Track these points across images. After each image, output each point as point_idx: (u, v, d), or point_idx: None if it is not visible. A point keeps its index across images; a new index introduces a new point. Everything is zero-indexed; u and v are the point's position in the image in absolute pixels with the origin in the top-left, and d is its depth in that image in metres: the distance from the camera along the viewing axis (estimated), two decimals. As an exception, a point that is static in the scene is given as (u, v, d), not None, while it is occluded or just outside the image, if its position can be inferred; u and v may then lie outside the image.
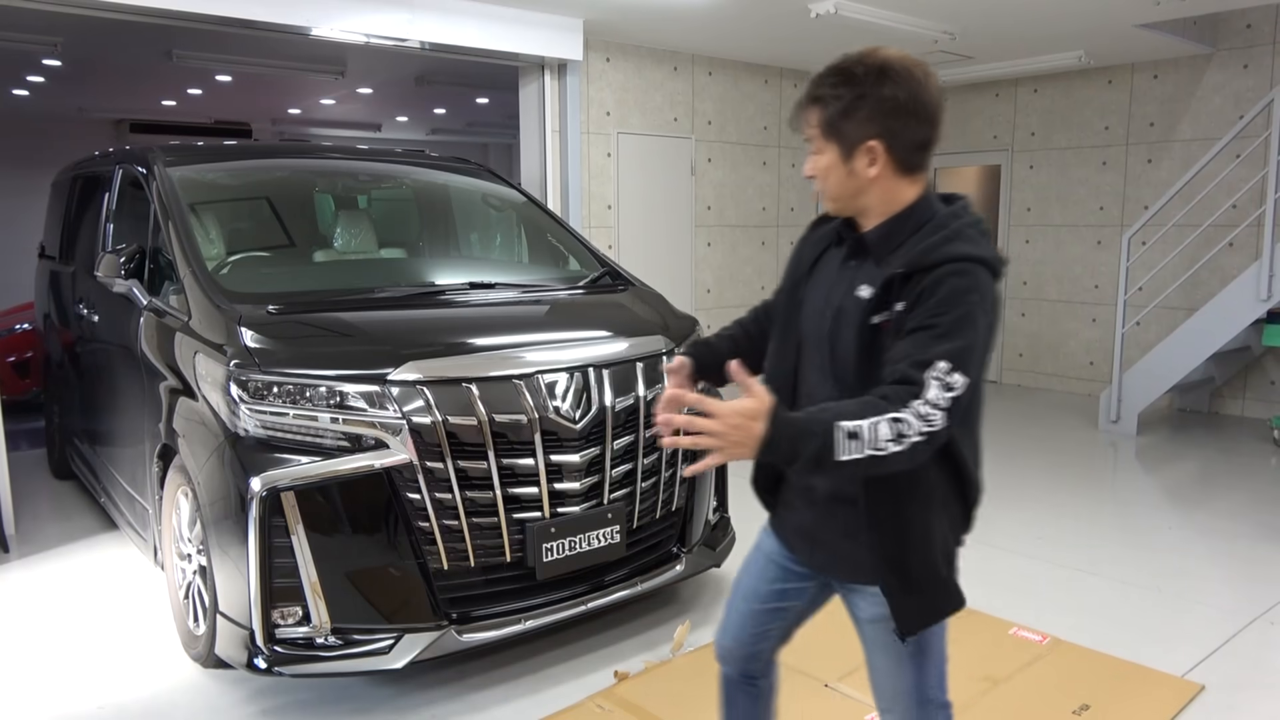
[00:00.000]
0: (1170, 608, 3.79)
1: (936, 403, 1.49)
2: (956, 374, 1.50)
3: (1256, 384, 7.38)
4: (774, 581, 1.93)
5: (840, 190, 1.70)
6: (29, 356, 7.21)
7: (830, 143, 1.67)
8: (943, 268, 1.56)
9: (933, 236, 1.61)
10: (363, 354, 2.99)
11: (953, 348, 1.51)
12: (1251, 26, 7.08)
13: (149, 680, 3.20)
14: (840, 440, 1.45)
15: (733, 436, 1.45)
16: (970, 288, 1.56)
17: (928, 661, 1.78)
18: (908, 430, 1.47)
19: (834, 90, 1.65)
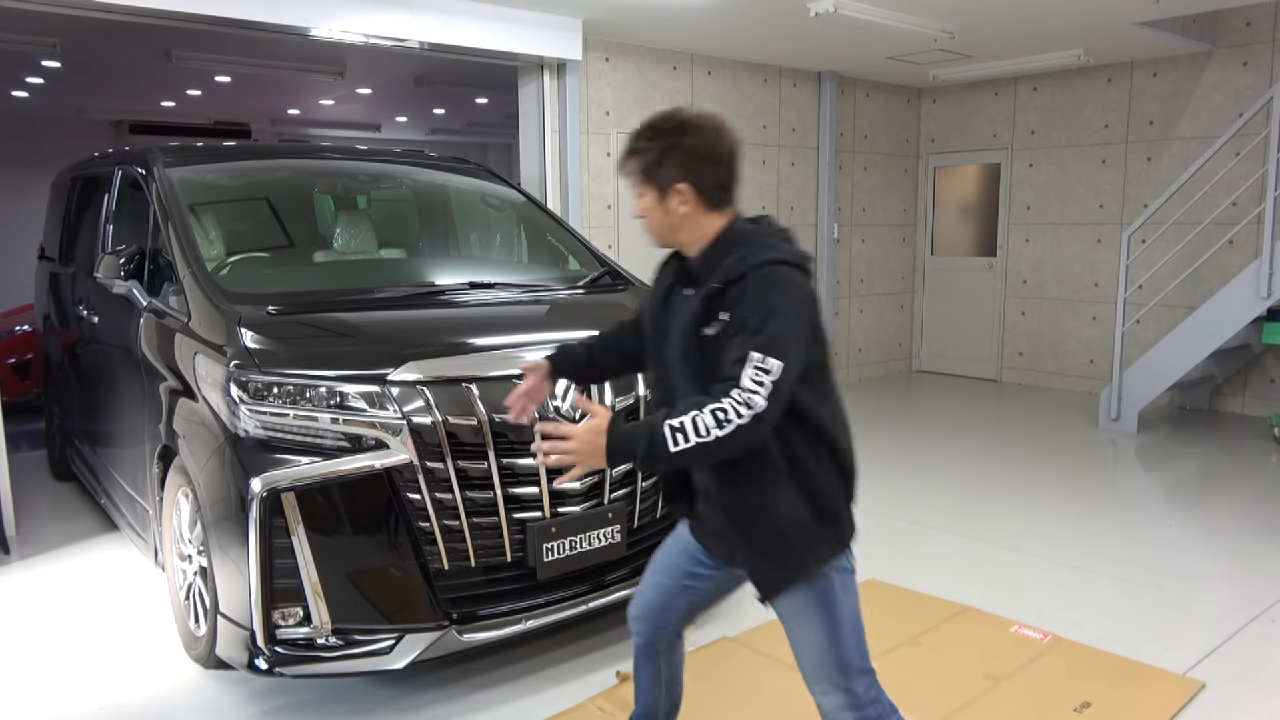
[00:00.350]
0: (1171, 605, 3.79)
1: (753, 389, 1.76)
2: (771, 360, 1.77)
3: (1257, 382, 7.38)
4: (689, 564, 2.19)
5: (661, 226, 1.99)
6: (29, 358, 7.21)
7: (649, 187, 1.97)
8: (748, 275, 1.86)
9: (739, 252, 1.91)
10: (363, 354, 2.99)
11: (762, 340, 1.79)
12: (1251, 24, 7.08)
13: (150, 681, 3.20)
14: (667, 436, 1.75)
15: (585, 450, 1.79)
16: (771, 286, 1.84)
17: (841, 630, 1.96)
18: (729, 417, 1.75)
19: (647, 143, 1.96)
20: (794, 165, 8.45)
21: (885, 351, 9.56)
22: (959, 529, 4.75)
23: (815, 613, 1.94)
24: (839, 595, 1.96)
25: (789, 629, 2.01)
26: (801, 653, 2.00)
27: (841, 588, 1.97)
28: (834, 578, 1.96)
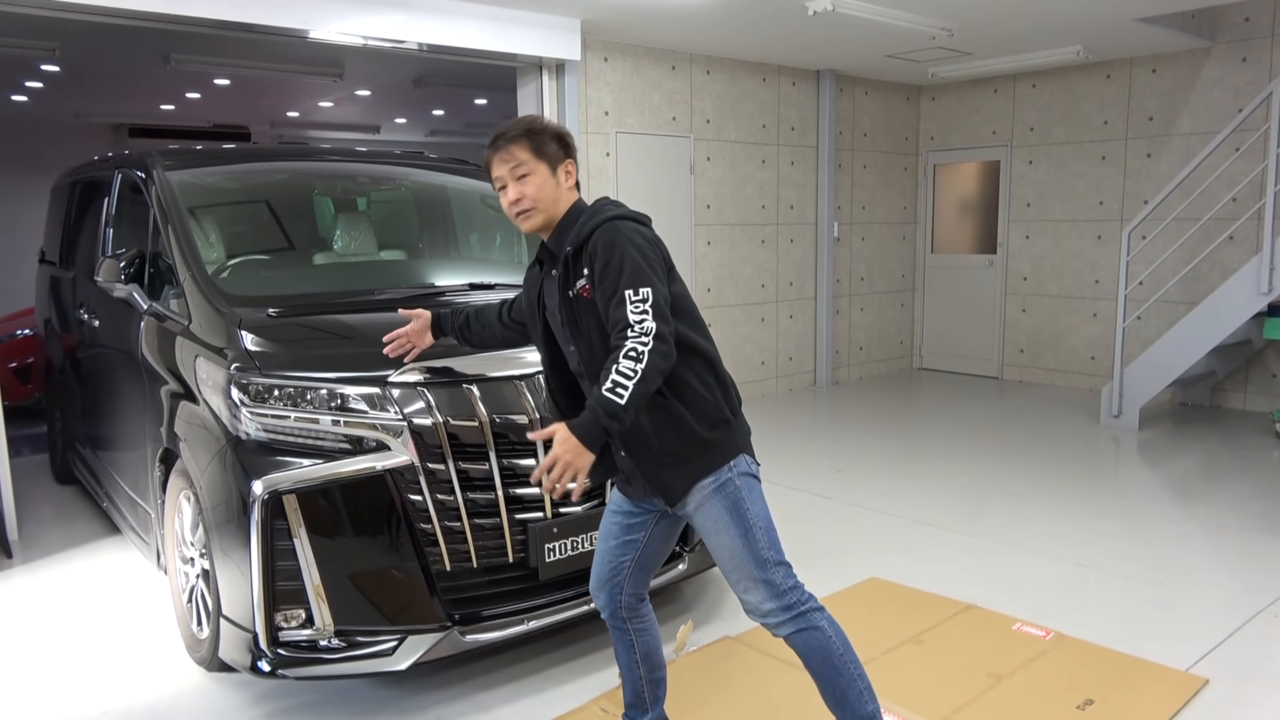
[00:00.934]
0: (1173, 602, 3.79)
1: (639, 318, 2.04)
2: (640, 288, 2.06)
3: (1258, 377, 7.38)
4: (621, 520, 2.41)
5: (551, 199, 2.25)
6: (30, 362, 7.22)
7: (540, 163, 2.24)
8: (591, 237, 2.16)
9: (579, 222, 2.22)
10: (363, 356, 2.99)
11: (625, 278, 2.08)
12: (1250, 19, 7.08)
13: (153, 684, 3.20)
14: (609, 399, 1.99)
15: (570, 457, 2.00)
16: (612, 238, 2.13)
17: (752, 530, 2.18)
18: (637, 350, 2.01)
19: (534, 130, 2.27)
20: (793, 164, 8.45)
21: (886, 349, 9.56)
22: (961, 527, 4.75)
23: (725, 518, 2.17)
24: (745, 498, 2.19)
25: (707, 540, 2.22)
26: (721, 558, 2.21)
27: (747, 491, 2.20)
28: (739, 483, 2.19)
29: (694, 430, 2.16)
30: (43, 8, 4.59)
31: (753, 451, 2.30)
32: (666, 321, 2.07)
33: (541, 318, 2.37)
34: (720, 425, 2.20)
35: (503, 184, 2.27)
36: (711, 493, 2.18)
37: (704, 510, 2.19)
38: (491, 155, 2.28)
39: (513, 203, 2.25)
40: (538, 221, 2.26)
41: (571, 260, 2.19)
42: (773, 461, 5.61)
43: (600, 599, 2.48)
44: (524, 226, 2.26)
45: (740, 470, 2.21)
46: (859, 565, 4.17)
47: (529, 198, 2.23)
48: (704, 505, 2.19)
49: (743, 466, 2.22)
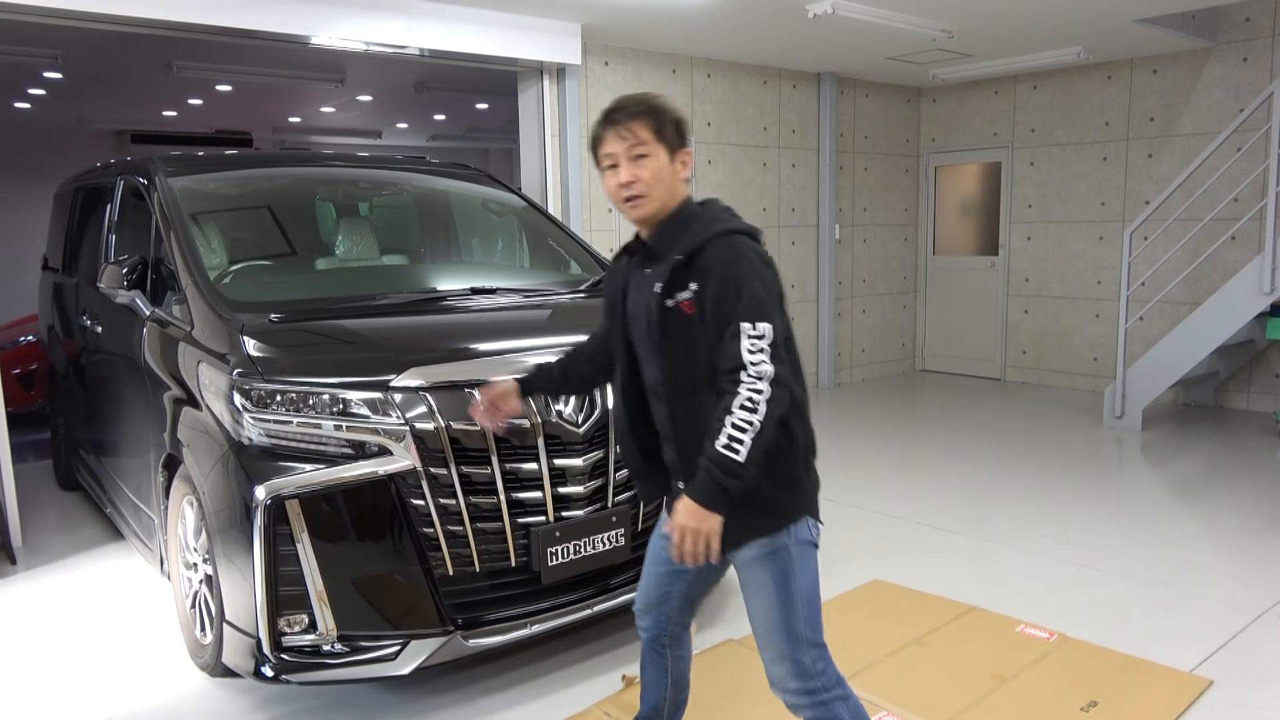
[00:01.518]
0: (1177, 603, 3.78)
1: (756, 360, 1.87)
2: (759, 324, 1.88)
3: (1261, 377, 7.36)
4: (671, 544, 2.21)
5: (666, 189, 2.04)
6: (34, 369, 7.23)
7: (661, 146, 2.02)
8: (709, 245, 1.96)
9: (696, 224, 2.02)
10: (365, 361, 3.00)
11: (743, 307, 1.90)
12: (1251, 20, 7.07)
13: (156, 690, 3.21)
14: (726, 456, 1.84)
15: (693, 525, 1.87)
16: (734, 255, 1.94)
17: (793, 603, 2.02)
18: (753, 400, 1.85)
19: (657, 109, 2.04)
20: (794, 166, 8.45)
21: (888, 351, 9.55)
22: (964, 529, 4.74)
23: (769, 585, 2.02)
24: (796, 569, 2.02)
25: (745, 594, 2.09)
26: (755, 621, 2.07)
27: (800, 561, 2.03)
28: (793, 552, 2.02)
29: (760, 486, 1.94)
30: (45, 15, 4.60)
31: (817, 510, 2.10)
32: (783, 362, 1.89)
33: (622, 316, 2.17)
34: (788, 485, 2.02)
35: (613, 163, 2.04)
36: (762, 556, 2.01)
37: (749, 569, 2.04)
38: (605, 130, 2.05)
39: (623, 185, 2.02)
40: (649, 210, 2.04)
41: (680, 269, 1.97)
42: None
43: (645, 622, 2.35)
44: (631, 215, 2.06)
45: (798, 538, 2.02)
46: (862, 567, 4.17)
47: (643, 182, 2.01)
48: (751, 565, 2.04)
49: (802, 533, 2.03)
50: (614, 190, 2.05)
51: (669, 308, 1.99)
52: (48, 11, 4.54)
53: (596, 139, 2.07)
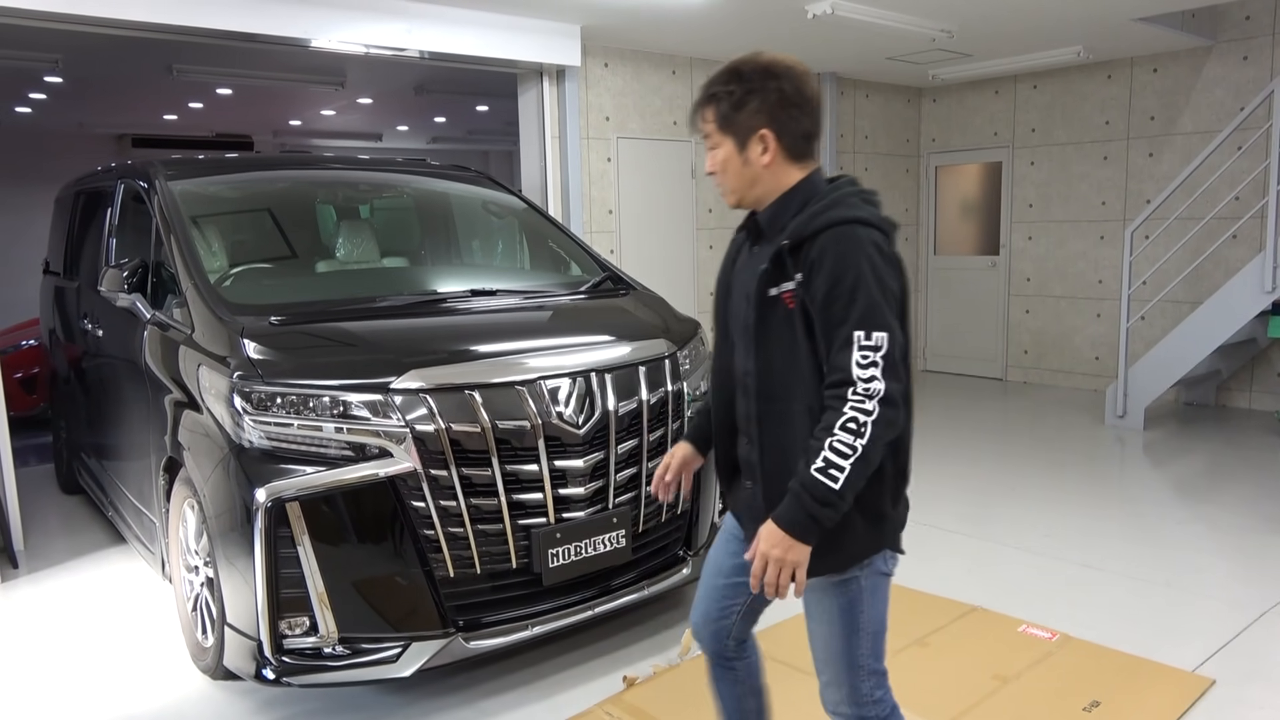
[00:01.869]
0: (1179, 602, 3.78)
1: (867, 376, 1.66)
2: (874, 333, 1.66)
3: (1263, 376, 7.35)
4: (734, 555, 2.06)
5: (738, 181, 1.85)
6: (35, 372, 7.24)
7: (726, 135, 1.83)
8: (823, 234, 1.72)
9: (812, 207, 1.78)
10: (365, 363, 3.00)
11: (858, 312, 1.67)
12: (1251, 18, 7.07)
13: (158, 693, 3.21)
14: (821, 483, 1.66)
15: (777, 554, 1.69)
16: (850, 249, 1.70)
17: (859, 634, 1.88)
18: (859, 421, 1.65)
19: (726, 86, 1.81)
20: (795, 167, 8.44)
21: (890, 352, 9.53)
22: (966, 529, 4.73)
23: (836, 614, 1.87)
24: (864, 601, 1.87)
25: (808, 616, 1.94)
26: (815, 644, 1.94)
27: (870, 592, 1.87)
28: (864, 584, 1.86)
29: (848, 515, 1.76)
30: (46, 20, 4.61)
31: (899, 541, 1.90)
32: (898, 379, 1.67)
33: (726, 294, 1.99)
34: (874, 519, 1.82)
35: None
36: (831, 586, 1.86)
37: (816, 595, 1.89)
38: None
39: (708, 173, 1.90)
40: (733, 200, 1.89)
41: (785, 256, 1.76)
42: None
43: (704, 636, 2.16)
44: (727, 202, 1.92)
45: (873, 569, 1.86)
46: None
47: (718, 174, 1.87)
48: (817, 590, 1.88)
49: (878, 565, 1.87)
50: None
51: (770, 297, 1.78)
52: (48, 15, 4.55)
53: None
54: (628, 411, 3.25)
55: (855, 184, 1.86)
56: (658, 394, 3.36)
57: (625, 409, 3.24)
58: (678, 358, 3.52)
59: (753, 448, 1.89)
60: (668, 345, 3.51)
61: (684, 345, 3.62)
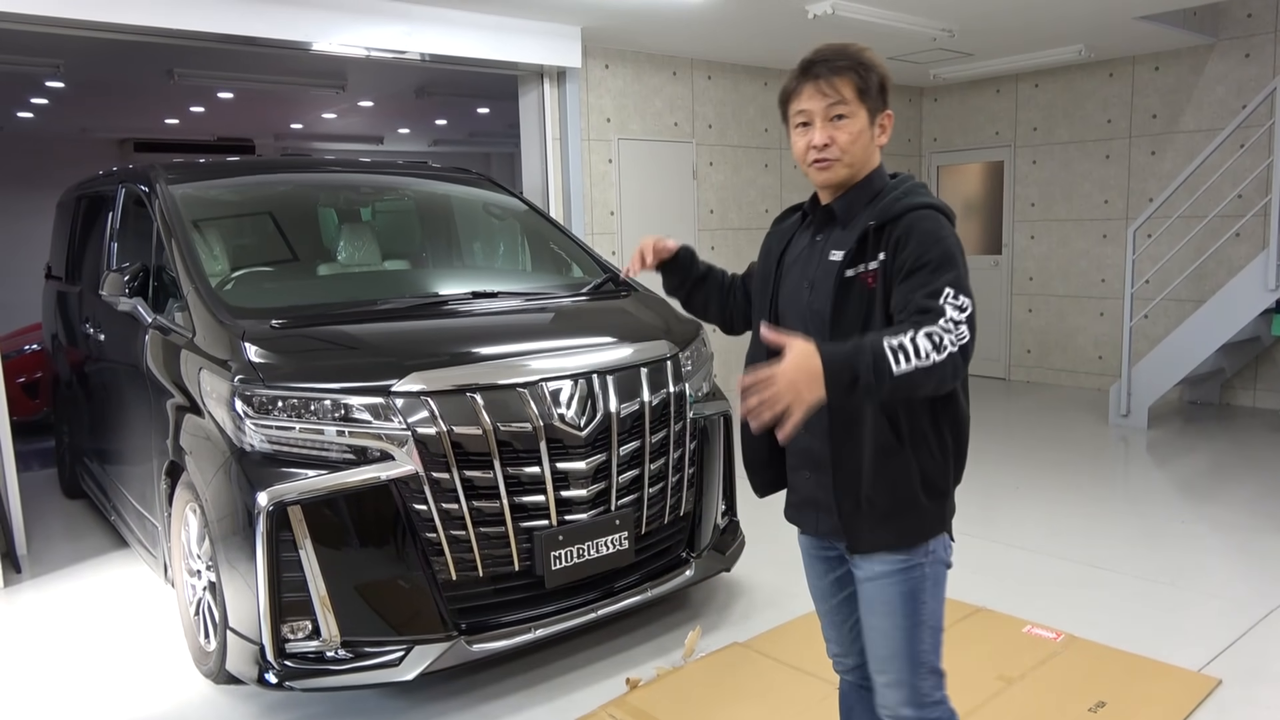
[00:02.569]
0: (1184, 602, 3.76)
1: (957, 319, 1.64)
2: (962, 296, 1.67)
3: (1267, 374, 7.33)
4: (824, 575, 2.03)
5: (863, 155, 1.85)
6: (38, 377, 7.24)
7: (863, 108, 1.82)
8: (909, 215, 1.76)
9: (893, 194, 1.83)
10: (367, 366, 2.99)
11: (950, 277, 1.69)
12: (1252, 15, 7.05)
13: (161, 697, 3.20)
14: (889, 354, 1.57)
15: (799, 384, 1.54)
16: (939, 227, 1.75)
17: (922, 628, 1.86)
18: (943, 342, 1.61)
19: (863, 61, 1.82)
20: (795, 167, 8.43)
21: (892, 352, 9.52)
22: (970, 529, 4.72)
23: (898, 605, 1.84)
24: (927, 590, 1.85)
25: (867, 611, 1.89)
26: (873, 641, 1.89)
27: (933, 583, 1.86)
28: (928, 571, 1.85)
29: (912, 489, 1.79)
30: (47, 25, 4.62)
31: (952, 529, 1.93)
32: (973, 344, 1.66)
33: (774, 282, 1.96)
34: (937, 496, 1.84)
35: (806, 120, 1.83)
36: (895, 573, 1.84)
37: (877, 586, 1.86)
38: (802, 83, 1.82)
39: (816, 147, 1.82)
40: (838, 177, 1.84)
41: (872, 237, 1.77)
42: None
43: (849, 662, 2.08)
44: (817, 178, 1.86)
45: (936, 557, 1.87)
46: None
47: (839, 146, 1.81)
48: (879, 580, 1.85)
49: (940, 552, 1.88)
50: (802, 151, 1.85)
51: (848, 278, 1.77)
52: (49, 20, 4.55)
53: (790, 92, 1.85)
54: (630, 413, 3.24)
55: (912, 176, 1.93)
56: (660, 395, 3.35)
57: (627, 411, 3.23)
58: (679, 359, 3.51)
59: (814, 435, 1.85)
60: (669, 346, 3.51)
61: (686, 346, 3.61)
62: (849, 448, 1.80)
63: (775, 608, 3.74)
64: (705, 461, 3.59)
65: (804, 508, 1.96)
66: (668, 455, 3.37)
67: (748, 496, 2.38)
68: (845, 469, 1.81)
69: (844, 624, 2.04)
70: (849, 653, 2.06)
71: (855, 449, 1.79)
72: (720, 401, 3.75)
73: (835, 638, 2.07)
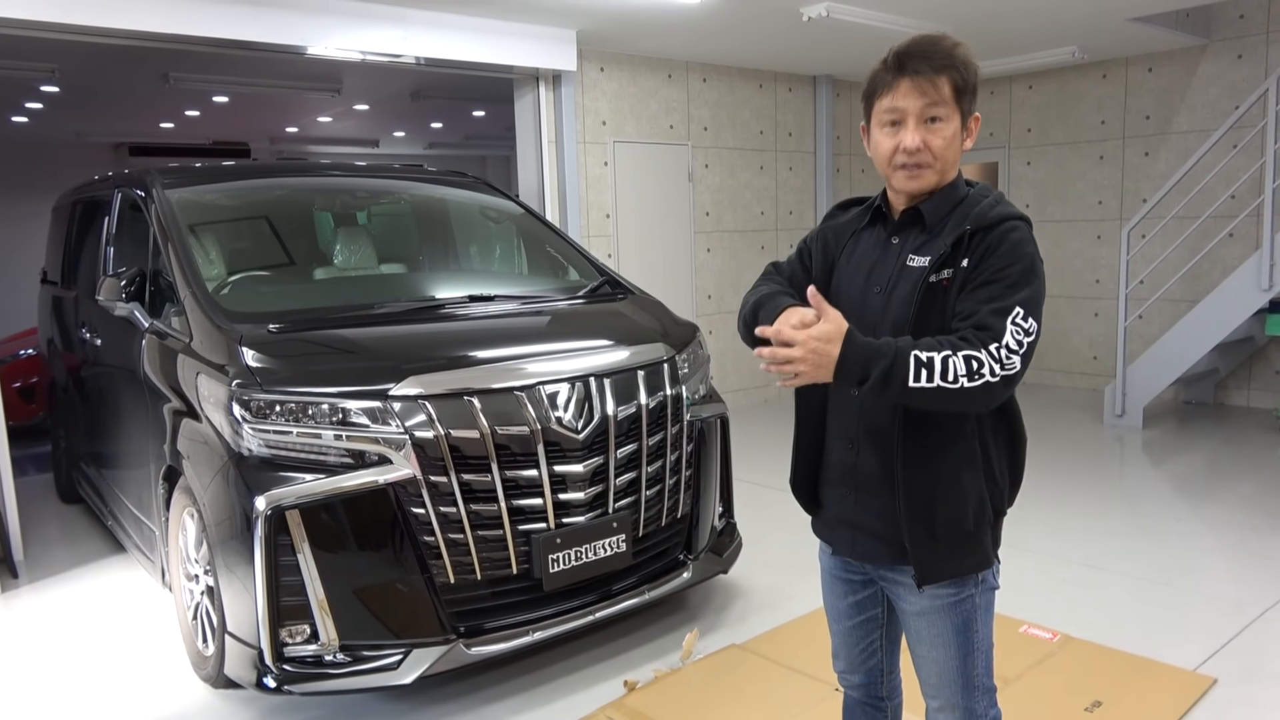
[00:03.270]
0: (1180, 601, 3.78)
1: (1013, 347, 1.58)
2: (1031, 320, 1.61)
3: (1261, 374, 7.36)
4: (844, 597, 1.98)
5: (954, 159, 1.75)
6: (34, 382, 7.23)
7: (958, 110, 1.71)
8: (1002, 225, 1.68)
9: (985, 200, 1.74)
10: (364, 370, 3.00)
11: (1025, 295, 1.62)
12: (1244, 17, 7.08)
13: (159, 702, 3.20)
14: (911, 366, 1.54)
15: (812, 360, 1.56)
16: (1026, 240, 1.68)
17: (974, 652, 1.82)
18: (983, 370, 1.56)
19: (963, 62, 1.72)
20: (791, 169, 8.46)
21: (888, 353, 9.54)
22: (966, 529, 4.73)
23: (951, 637, 1.81)
24: (979, 619, 1.82)
25: (916, 645, 1.85)
26: (926, 669, 1.86)
27: (984, 610, 1.83)
28: (979, 600, 1.81)
29: (965, 514, 1.74)
30: (42, 29, 4.61)
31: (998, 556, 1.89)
32: (1025, 369, 1.61)
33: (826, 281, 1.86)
34: (990, 523, 1.80)
35: (897, 118, 1.70)
36: (948, 606, 1.79)
37: (927, 619, 1.81)
38: (898, 78, 1.69)
39: (909, 150, 1.69)
40: (928, 184, 1.73)
41: (965, 241, 1.68)
42: (779, 470, 5.60)
43: (857, 681, 2.05)
44: (905, 185, 1.73)
45: (987, 585, 1.83)
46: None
47: (933, 151, 1.69)
48: (929, 614, 1.80)
49: (990, 580, 1.84)
50: (888, 153, 1.71)
51: (932, 284, 1.68)
52: (44, 25, 4.55)
53: (881, 86, 1.72)
54: (627, 416, 3.25)
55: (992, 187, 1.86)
56: (656, 398, 3.36)
57: (624, 413, 3.24)
58: (676, 361, 3.52)
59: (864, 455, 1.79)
60: (666, 349, 3.51)
61: (682, 349, 3.62)
62: (923, 469, 1.72)
63: (772, 609, 3.75)
64: (702, 464, 3.60)
65: (839, 527, 1.89)
66: (665, 458, 3.38)
67: (744, 499, 2.40)
68: (916, 492, 1.73)
69: (857, 645, 2.00)
70: (856, 671, 2.03)
71: (930, 470, 1.72)
72: (717, 404, 3.76)
73: (845, 656, 2.04)
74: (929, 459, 1.72)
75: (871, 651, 2.00)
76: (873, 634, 1.98)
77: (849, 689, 2.08)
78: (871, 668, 2.01)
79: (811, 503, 1.96)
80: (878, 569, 1.87)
